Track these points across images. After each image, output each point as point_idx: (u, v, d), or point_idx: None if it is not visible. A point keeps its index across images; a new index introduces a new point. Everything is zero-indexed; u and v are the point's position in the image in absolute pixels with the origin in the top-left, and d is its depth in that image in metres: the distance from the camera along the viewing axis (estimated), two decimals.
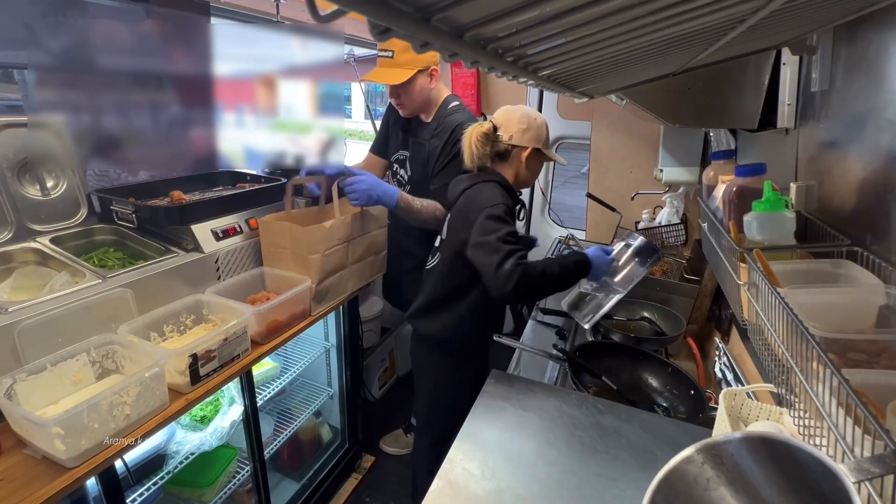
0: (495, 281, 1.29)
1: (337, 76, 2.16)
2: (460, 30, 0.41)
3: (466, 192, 1.48)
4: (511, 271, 1.27)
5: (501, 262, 1.28)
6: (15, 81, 1.49)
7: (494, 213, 1.36)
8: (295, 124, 2.03)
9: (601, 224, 2.56)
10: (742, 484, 0.52)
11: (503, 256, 1.29)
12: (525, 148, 1.49)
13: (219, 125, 1.85)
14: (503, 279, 1.27)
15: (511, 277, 1.26)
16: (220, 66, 1.79)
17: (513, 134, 1.48)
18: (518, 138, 1.48)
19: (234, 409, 1.50)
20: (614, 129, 2.45)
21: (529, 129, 1.48)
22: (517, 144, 1.49)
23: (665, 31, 0.57)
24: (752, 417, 0.92)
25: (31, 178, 1.42)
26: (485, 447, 1.05)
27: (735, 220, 1.03)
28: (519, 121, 1.48)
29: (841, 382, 0.55)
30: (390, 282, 2.28)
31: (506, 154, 1.50)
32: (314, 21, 0.28)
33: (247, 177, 1.95)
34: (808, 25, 0.90)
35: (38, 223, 1.42)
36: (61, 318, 1.14)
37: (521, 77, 0.69)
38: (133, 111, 1.64)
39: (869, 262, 0.81)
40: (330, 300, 1.71)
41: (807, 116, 1.13)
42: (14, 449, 1.02)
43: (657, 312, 1.80)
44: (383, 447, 2.42)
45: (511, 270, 1.27)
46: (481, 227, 1.35)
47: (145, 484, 1.32)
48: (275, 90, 1.96)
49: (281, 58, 1.94)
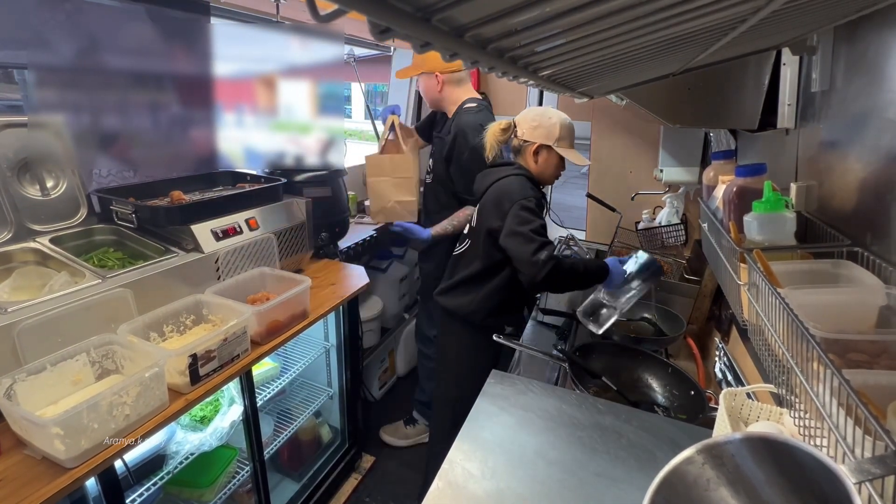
0: (531, 268, 1.43)
1: (337, 76, 2.16)
2: (460, 30, 0.41)
3: (498, 183, 1.58)
4: (545, 262, 1.41)
5: (536, 251, 1.42)
6: (15, 81, 1.49)
7: (528, 205, 1.48)
8: (295, 124, 2.04)
9: (601, 224, 2.56)
10: (742, 484, 0.52)
11: (537, 247, 1.43)
12: (532, 143, 1.59)
13: (219, 125, 1.86)
14: (538, 268, 1.41)
15: (544, 267, 1.41)
16: (221, 66, 1.79)
17: (524, 131, 1.60)
18: (528, 134, 1.60)
19: (233, 409, 1.50)
20: (614, 129, 2.45)
21: (540, 127, 1.58)
22: (527, 140, 1.60)
23: (665, 32, 0.57)
24: (753, 418, 0.92)
25: (31, 178, 1.42)
26: (485, 447, 1.05)
27: (735, 220, 1.03)
28: (532, 119, 1.60)
29: (841, 383, 0.55)
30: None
31: (520, 149, 1.63)
32: (314, 21, 0.28)
33: (247, 177, 1.94)
34: (809, 25, 0.90)
35: (37, 223, 1.41)
36: (61, 319, 1.14)
37: (521, 77, 0.69)
38: (132, 111, 1.64)
39: (869, 263, 0.81)
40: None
41: (807, 116, 1.13)
42: (14, 449, 1.02)
43: (657, 312, 1.80)
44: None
45: (545, 261, 1.41)
46: (516, 217, 1.47)
47: (145, 484, 1.32)
48: (275, 90, 1.96)
49: (281, 58, 1.94)
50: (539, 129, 1.58)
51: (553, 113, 1.61)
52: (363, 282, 1.91)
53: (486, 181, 1.65)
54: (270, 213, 1.75)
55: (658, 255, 2.18)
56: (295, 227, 1.84)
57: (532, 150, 1.60)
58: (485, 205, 1.63)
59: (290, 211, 1.84)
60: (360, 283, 1.90)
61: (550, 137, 1.58)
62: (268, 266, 1.68)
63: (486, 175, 1.68)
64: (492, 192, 1.60)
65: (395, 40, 0.38)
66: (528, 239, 1.44)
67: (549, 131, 1.58)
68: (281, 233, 1.77)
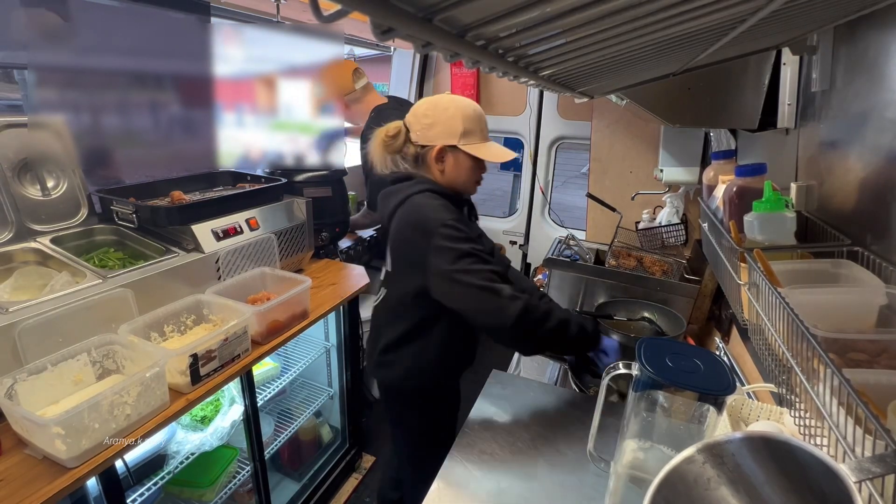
0: (494, 318, 1.11)
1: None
2: (462, 30, 0.41)
3: (401, 210, 1.22)
4: (511, 304, 1.09)
5: (493, 293, 1.10)
6: (15, 81, 1.49)
7: (447, 233, 1.13)
8: (295, 124, 2.04)
9: (601, 224, 2.56)
10: (743, 484, 0.52)
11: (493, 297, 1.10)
12: (431, 147, 1.22)
13: (218, 125, 1.86)
14: (504, 316, 1.09)
15: (514, 314, 1.09)
16: (221, 66, 1.79)
17: (418, 132, 1.22)
18: (422, 136, 1.22)
19: (234, 409, 1.50)
20: (614, 129, 2.45)
21: (435, 124, 1.21)
22: (425, 144, 1.23)
23: (665, 32, 0.57)
24: (753, 417, 0.93)
25: (31, 178, 1.42)
26: (484, 447, 1.05)
27: (735, 220, 1.03)
28: (423, 114, 1.22)
29: (842, 382, 0.55)
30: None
31: (418, 157, 1.25)
32: (317, 21, 0.28)
33: (247, 177, 1.95)
34: (809, 25, 0.91)
35: (38, 223, 1.41)
36: (62, 318, 1.14)
37: (521, 77, 0.69)
38: (132, 111, 1.64)
39: (869, 262, 0.81)
40: None
41: (807, 116, 1.13)
42: (14, 449, 1.02)
43: (657, 312, 1.80)
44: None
45: (511, 303, 1.09)
46: (442, 252, 1.12)
47: (146, 484, 1.32)
48: (275, 90, 1.97)
49: (281, 58, 1.95)
50: (435, 128, 1.20)
51: (448, 102, 1.22)
52: (363, 282, 1.91)
53: (387, 207, 1.27)
54: (271, 213, 1.75)
55: (658, 255, 2.18)
56: (295, 227, 1.84)
57: (433, 156, 1.22)
58: (395, 243, 1.25)
59: (291, 211, 1.84)
60: (360, 283, 1.90)
61: (452, 135, 1.20)
62: (268, 266, 1.68)
63: (386, 198, 1.29)
64: (397, 225, 1.23)
65: (396, 40, 0.38)
66: (479, 287, 1.10)
67: (448, 127, 1.20)
68: (281, 233, 1.77)
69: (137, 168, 1.71)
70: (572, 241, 2.40)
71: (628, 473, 0.81)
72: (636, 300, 1.81)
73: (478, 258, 1.13)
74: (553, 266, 2.05)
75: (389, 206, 1.25)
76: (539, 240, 2.99)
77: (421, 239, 1.15)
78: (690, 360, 0.74)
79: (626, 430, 0.81)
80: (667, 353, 0.75)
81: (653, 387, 0.75)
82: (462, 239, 1.14)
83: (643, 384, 0.76)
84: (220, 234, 1.56)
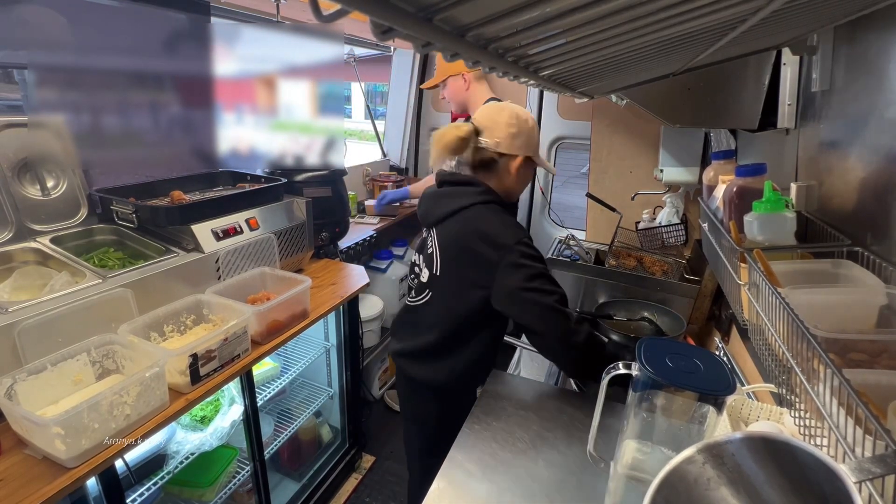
0: (562, 347, 1.16)
1: (337, 76, 2.16)
2: (462, 30, 0.41)
3: (464, 215, 1.22)
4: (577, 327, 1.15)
5: (567, 325, 1.14)
6: (15, 81, 1.49)
7: (524, 251, 1.15)
8: (295, 124, 2.04)
9: (601, 224, 2.56)
10: (743, 484, 0.52)
11: (567, 320, 1.14)
12: (515, 157, 1.24)
13: (219, 125, 1.86)
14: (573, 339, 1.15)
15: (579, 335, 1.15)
16: (221, 66, 1.79)
17: (500, 140, 1.22)
18: (507, 145, 1.23)
19: (234, 409, 1.50)
20: (614, 129, 2.45)
21: (520, 135, 1.23)
22: (506, 153, 1.23)
23: (665, 32, 0.57)
24: (753, 417, 0.92)
25: (31, 178, 1.42)
26: (485, 447, 1.05)
27: (735, 220, 1.03)
28: (508, 124, 1.22)
29: (842, 382, 0.55)
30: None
31: (491, 164, 1.25)
32: (317, 21, 0.28)
33: (247, 177, 1.95)
34: (809, 25, 0.90)
35: (38, 223, 1.41)
36: (61, 318, 1.14)
37: (521, 77, 0.69)
38: (132, 111, 1.64)
39: (869, 262, 0.81)
40: None
41: (807, 116, 1.13)
42: (14, 449, 1.02)
43: (657, 312, 1.80)
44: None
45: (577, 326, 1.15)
46: (520, 271, 1.14)
47: (145, 484, 1.32)
48: (275, 90, 1.97)
49: (281, 58, 1.94)
50: (520, 138, 1.22)
51: (524, 112, 1.26)
52: (363, 282, 1.91)
53: (440, 208, 1.26)
54: (271, 213, 1.75)
55: (658, 256, 2.18)
56: (295, 226, 1.84)
57: (516, 165, 1.24)
58: (453, 249, 1.24)
59: (291, 211, 1.84)
60: (360, 283, 1.90)
61: (532, 146, 1.25)
62: (268, 266, 1.68)
63: (438, 199, 1.28)
64: (456, 228, 1.23)
65: (396, 40, 0.38)
66: (553, 309, 1.13)
67: (529, 139, 1.25)
68: (281, 233, 1.77)
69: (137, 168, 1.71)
70: (572, 241, 2.41)
71: (628, 474, 0.81)
72: (636, 300, 1.81)
73: (550, 279, 1.17)
74: (553, 266, 2.05)
75: (443, 208, 1.25)
76: (539, 240, 2.99)
77: (492, 252, 1.15)
78: (690, 361, 0.74)
79: (625, 430, 0.81)
80: (667, 354, 0.75)
81: (653, 387, 0.75)
82: (537, 258, 1.17)
83: (643, 384, 0.76)
84: (220, 233, 1.56)
